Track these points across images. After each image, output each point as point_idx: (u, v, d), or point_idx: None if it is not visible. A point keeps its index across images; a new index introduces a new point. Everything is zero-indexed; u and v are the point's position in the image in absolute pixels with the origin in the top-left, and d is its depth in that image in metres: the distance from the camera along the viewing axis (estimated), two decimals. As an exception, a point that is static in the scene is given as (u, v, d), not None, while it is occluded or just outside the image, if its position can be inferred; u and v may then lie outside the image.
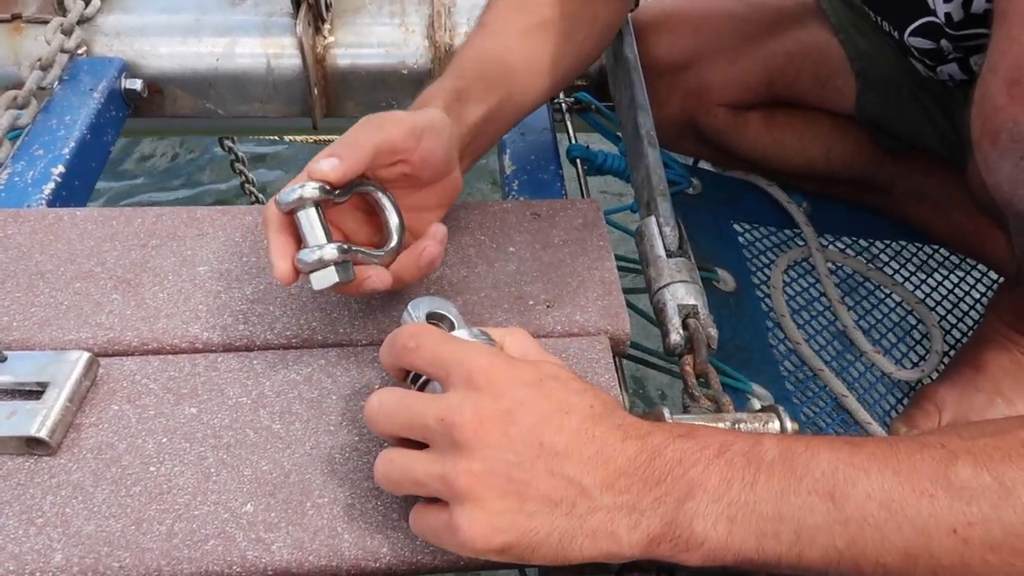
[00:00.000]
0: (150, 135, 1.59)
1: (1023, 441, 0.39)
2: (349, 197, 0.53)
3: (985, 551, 0.38)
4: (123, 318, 0.59)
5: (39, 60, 0.84)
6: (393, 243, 0.54)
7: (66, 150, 0.78)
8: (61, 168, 0.76)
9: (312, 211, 0.51)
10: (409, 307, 0.53)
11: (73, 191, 0.77)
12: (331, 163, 0.50)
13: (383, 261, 0.54)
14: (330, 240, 0.51)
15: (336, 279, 0.50)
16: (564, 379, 0.44)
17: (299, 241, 0.52)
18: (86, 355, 0.54)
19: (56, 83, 0.85)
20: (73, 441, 0.51)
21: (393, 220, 0.55)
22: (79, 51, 0.90)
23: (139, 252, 0.64)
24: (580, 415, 0.42)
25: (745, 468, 0.40)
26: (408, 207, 0.56)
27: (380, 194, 0.55)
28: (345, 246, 0.51)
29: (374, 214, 0.56)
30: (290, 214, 0.51)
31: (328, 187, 0.51)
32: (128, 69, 0.92)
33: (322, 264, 0.50)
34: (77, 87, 0.86)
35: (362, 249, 0.52)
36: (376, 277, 0.52)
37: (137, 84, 0.89)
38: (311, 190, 0.50)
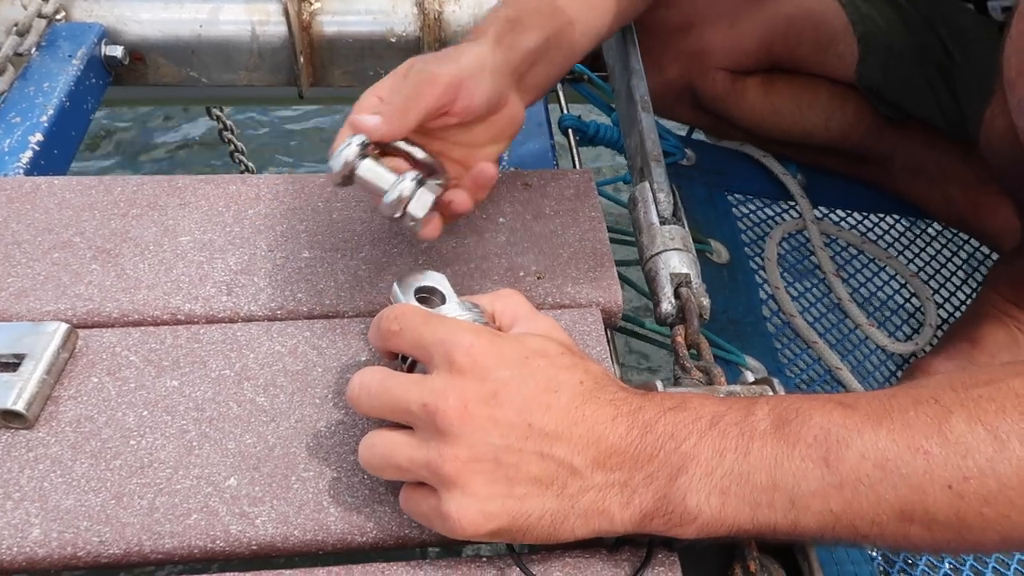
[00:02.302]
0: (133, 104, 1.56)
1: (1017, 392, 0.38)
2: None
3: (980, 505, 0.37)
4: (102, 289, 0.57)
5: (15, 25, 0.82)
6: (442, 173, 0.55)
7: (44, 118, 0.76)
8: (39, 136, 0.74)
9: (366, 163, 0.50)
10: (397, 283, 0.52)
11: (52, 160, 0.75)
12: (374, 121, 0.50)
13: (444, 187, 0.55)
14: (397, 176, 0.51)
15: (432, 196, 0.51)
16: (552, 354, 0.43)
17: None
18: (64, 326, 0.53)
19: (33, 49, 0.83)
20: (51, 414, 0.50)
21: (423, 155, 0.54)
22: (57, 16, 0.88)
23: (119, 222, 0.62)
24: (569, 393, 0.41)
25: (738, 438, 0.40)
26: (461, 143, 0.57)
27: (404, 145, 0.54)
28: (414, 174, 0.51)
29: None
30: (348, 181, 0.51)
31: (368, 141, 0.50)
32: (108, 35, 0.89)
33: (403, 200, 0.50)
34: (55, 53, 0.83)
35: (423, 178, 0.52)
36: (456, 201, 0.54)
37: (118, 51, 0.87)
38: (354, 151, 0.49)
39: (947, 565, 0.66)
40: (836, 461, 0.38)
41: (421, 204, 0.51)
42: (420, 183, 0.51)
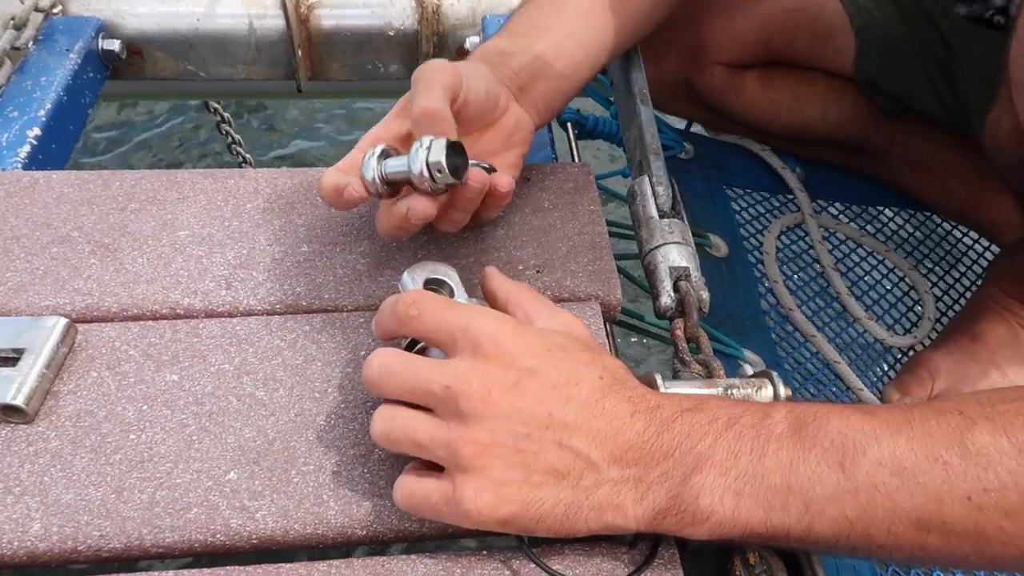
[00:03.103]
0: (131, 99, 1.55)
1: None
2: None
3: (1000, 517, 0.37)
4: (101, 283, 0.57)
5: (12, 19, 0.82)
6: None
7: (42, 112, 0.76)
8: (37, 131, 0.74)
9: (388, 162, 0.52)
10: (407, 273, 0.52)
11: (50, 154, 0.75)
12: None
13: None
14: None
15: (443, 142, 0.49)
16: (573, 349, 0.43)
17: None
18: (63, 321, 0.53)
19: (31, 43, 0.83)
20: (51, 409, 0.50)
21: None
22: (54, 10, 0.88)
23: (117, 216, 0.62)
24: (589, 387, 0.41)
25: (754, 440, 0.40)
26: (478, 153, 0.57)
27: None
28: (426, 140, 0.50)
29: None
30: (383, 188, 0.52)
31: (385, 148, 0.52)
32: (105, 29, 0.89)
33: (424, 157, 0.49)
34: (53, 47, 0.83)
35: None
36: (499, 181, 0.53)
37: (115, 45, 0.87)
38: (375, 161, 0.51)
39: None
40: (852, 467, 0.38)
41: (438, 152, 0.49)
42: (432, 141, 0.50)
